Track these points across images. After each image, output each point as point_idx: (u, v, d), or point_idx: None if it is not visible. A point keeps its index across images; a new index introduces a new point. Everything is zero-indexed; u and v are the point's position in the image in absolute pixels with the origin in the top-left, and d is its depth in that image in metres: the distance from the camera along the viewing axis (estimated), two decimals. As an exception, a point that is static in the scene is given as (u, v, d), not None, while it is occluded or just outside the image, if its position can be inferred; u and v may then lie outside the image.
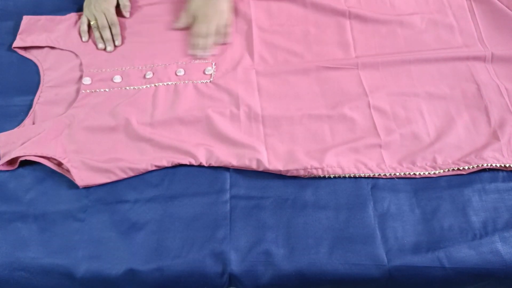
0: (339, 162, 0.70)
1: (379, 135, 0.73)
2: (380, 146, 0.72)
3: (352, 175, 0.70)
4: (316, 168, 0.69)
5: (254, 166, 0.70)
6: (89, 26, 0.88)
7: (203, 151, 0.72)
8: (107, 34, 0.85)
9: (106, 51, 0.85)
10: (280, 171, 0.70)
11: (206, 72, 0.82)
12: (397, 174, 0.70)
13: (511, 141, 0.71)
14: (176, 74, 0.82)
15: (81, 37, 0.87)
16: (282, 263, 0.63)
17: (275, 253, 0.64)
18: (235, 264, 0.64)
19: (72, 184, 0.71)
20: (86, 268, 0.64)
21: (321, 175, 0.70)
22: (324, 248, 0.64)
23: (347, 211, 0.67)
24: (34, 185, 0.71)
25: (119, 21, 0.89)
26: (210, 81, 0.81)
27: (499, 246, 0.64)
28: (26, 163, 0.73)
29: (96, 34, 0.86)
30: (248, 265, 0.64)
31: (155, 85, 0.80)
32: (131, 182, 0.71)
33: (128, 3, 0.90)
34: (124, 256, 0.64)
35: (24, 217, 0.68)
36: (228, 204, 0.69)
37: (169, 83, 0.80)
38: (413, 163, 0.70)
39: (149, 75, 0.81)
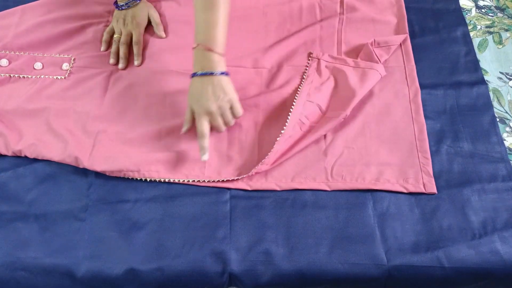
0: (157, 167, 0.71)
1: None
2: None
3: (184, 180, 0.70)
4: (132, 171, 0.70)
5: (73, 162, 0.71)
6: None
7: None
8: (123, 52, 0.84)
9: (118, 68, 0.84)
10: (104, 171, 0.70)
11: (63, 68, 0.83)
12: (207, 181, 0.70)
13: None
14: (33, 68, 0.83)
15: (100, 46, 0.87)
16: (282, 262, 0.64)
17: (275, 252, 0.64)
18: (235, 263, 0.64)
19: (73, 184, 0.71)
20: (87, 268, 0.64)
21: (138, 178, 0.71)
22: (323, 248, 0.64)
23: (346, 210, 0.68)
24: (35, 185, 0.71)
25: None
26: (64, 77, 0.82)
27: (498, 245, 0.64)
28: (27, 163, 0.73)
29: (113, 48, 0.85)
30: (248, 264, 0.64)
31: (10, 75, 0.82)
32: (132, 181, 0.71)
33: (158, 20, 0.88)
34: (124, 255, 0.64)
35: (25, 217, 0.68)
36: (228, 204, 0.69)
37: (28, 76, 0.82)
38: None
39: (4, 62, 0.83)
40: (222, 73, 0.71)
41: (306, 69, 0.81)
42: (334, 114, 0.74)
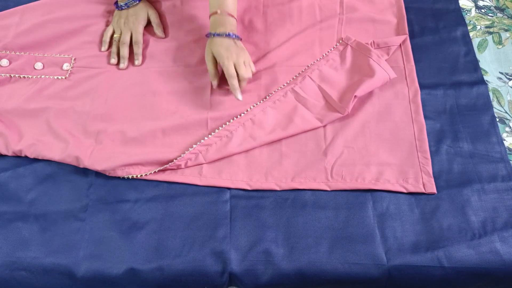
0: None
1: None
2: None
3: None
4: (133, 167, 0.71)
5: (73, 162, 0.71)
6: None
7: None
8: (124, 52, 0.84)
9: (119, 68, 0.84)
10: (104, 170, 0.70)
11: (64, 68, 0.83)
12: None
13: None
14: (34, 68, 0.83)
15: (100, 46, 0.87)
16: (282, 262, 0.64)
17: (275, 252, 0.64)
18: (235, 263, 0.64)
19: (73, 184, 0.71)
20: (87, 268, 0.64)
21: (138, 175, 0.71)
22: (323, 248, 0.65)
23: (346, 210, 0.68)
24: (35, 185, 0.71)
25: None
26: (65, 78, 0.82)
27: (498, 245, 0.64)
28: (27, 163, 0.73)
29: (113, 48, 0.85)
30: (248, 264, 0.64)
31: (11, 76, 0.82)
32: (132, 181, 0.71)
33: (157, 21, 0.88)
34: (124, 255, 0.64)
35: (25, 217, 0.68)
36: (228, 204, 0.69)
37: (29, 76, 0.82)
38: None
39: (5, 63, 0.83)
40: (236, 37, 0.78)
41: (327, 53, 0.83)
42: (338, 106, 0.75)
